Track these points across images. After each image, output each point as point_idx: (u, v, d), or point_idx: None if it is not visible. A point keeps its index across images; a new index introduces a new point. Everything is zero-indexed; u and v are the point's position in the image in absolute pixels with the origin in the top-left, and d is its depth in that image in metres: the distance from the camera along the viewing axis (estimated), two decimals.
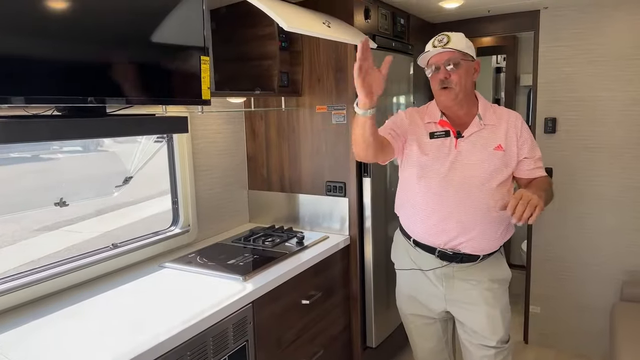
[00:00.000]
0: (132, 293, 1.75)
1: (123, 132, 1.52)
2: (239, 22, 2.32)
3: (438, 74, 1.72)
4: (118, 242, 2.00)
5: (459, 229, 1.73)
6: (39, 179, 2.46)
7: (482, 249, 1.76)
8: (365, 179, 2.36)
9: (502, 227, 1.76)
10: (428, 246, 1.82)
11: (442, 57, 1.70)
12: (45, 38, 1.21)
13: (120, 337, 1.39)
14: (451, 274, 1.81)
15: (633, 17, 2.56)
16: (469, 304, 1.81)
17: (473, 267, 1.79)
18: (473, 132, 1.74)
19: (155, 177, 2.42)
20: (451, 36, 1.71)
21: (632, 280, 2.67)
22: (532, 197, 1.46)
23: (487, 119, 1.75)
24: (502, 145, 1.72)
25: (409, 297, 1.95)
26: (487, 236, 1.74)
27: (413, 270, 1.90)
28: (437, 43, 1.71)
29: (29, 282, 1.65)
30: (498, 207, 1.65)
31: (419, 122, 1.83)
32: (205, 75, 1.66)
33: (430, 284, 1.85)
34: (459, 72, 1.70)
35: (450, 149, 1.75)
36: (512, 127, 1.75)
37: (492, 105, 1.83)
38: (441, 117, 1.79)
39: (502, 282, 1.83)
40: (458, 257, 1.77)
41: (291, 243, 2.24)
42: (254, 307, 1.73)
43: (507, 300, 1.85)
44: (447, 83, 1.70)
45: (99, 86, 1.33)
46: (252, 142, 2.64)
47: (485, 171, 1.70)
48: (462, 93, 1.72)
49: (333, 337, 2.30)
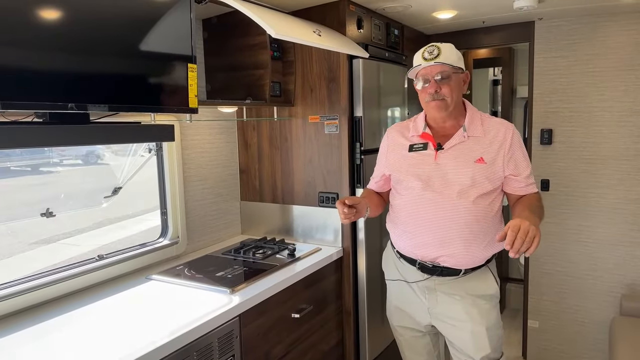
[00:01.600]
0: (116, 305, 1.70)
1: (106, 139, 1.49)
2: (230, 31, 2.30)
3: (428, 87, 1.68)
4: (104, 254, 1.96)
5: (436, 243, 1.70)
6: (34, 191, 2.43)
7: (463, 263, 1.71)
8: (358, 190, 2.33)
9: (485, 242, 1.70)
10: (410, 258, 1.80)
11: (433, 70, 1.66)
12: (24, 43, 1.18)
13: (101, 350, 1.35)
14: (433, 287, 1.77)
15: (628, 27, 2.55)
16: (453, 319, 1.76)
17: (455, 282, 1.74)
18: (455, 144, 1.70)
19: (156, 189, 2.40)
20: (441, 48, 1.67)
21: (631, 293, 2.62)
22: (529, 228, 1.35)
23: (471, 130, 1.70)
24: (485, 158, 1.66)
25: (397, 308, 1.92)
26: (467, 250, 1.68)
27: (399, 281, 1.88)
28: (428, 55, 1.66)
29: (11, 293, 1.61)
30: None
31: (401, 141, 1.83)
32: (193, 83, 1.64)
33: (415, 296, 1.83)
34: (450, 84, 1.66)
35: (429, 161, 1.72)
36: (500, 140, 1.68)
37: (484, 116, 1.78)
38: (424, 129, 1.77)
39: (488, 298, 1.76)
40: (437, 270, 1.73)
41: (282, 255, 2.19)
42: (240, 320, 1.68)
43: (497, 317, 1.78)
44: (438, 96, 1.67)
45: (80, 92, 1.30)
46: (245, 153, 2.61)
47: (463, 184, 1.65)
48: (452, 105, 1.69)
49: (325, 353, 2.24)
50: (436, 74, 1.66)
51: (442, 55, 1.65)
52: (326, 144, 2.34)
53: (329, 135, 2.33)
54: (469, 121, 1.72)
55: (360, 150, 2.30)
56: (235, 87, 2.34)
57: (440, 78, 1.65)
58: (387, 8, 2.46)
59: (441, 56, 1.64)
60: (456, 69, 1.68)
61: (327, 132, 2.33)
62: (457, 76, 1.69)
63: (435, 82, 1.66)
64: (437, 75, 1.66)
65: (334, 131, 2.31)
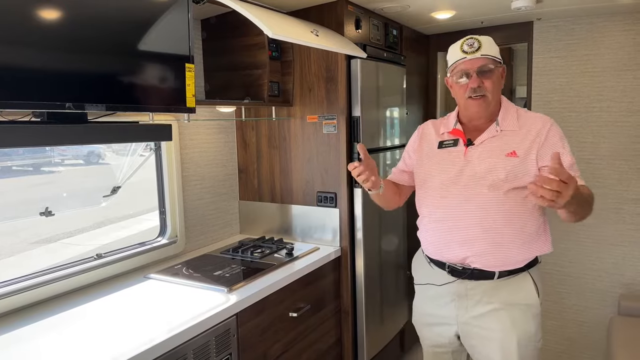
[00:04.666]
0: (114, 304, 1.71)
1: (103, 139, 1.50)
2: (229, 31, 2.31)
3: (470, 81, 1.57)
4: (103, 253, 1.97)
5: (462, 241, 1.60)
6: (35, 191, 2.43)
7: (494, 265, 1.57)
8: (357, 190, 2.33)
9: (520, 242, 1.56)
10: (439, 261, 1.69)
11: (475, 63, 1.56)
12: (22, 43, 1.19)
13: (98, 348, 1.35)
14: (464, 292, 1.63)
15: (626, 28, 2.56)
16: (481, 328, 1.62)
17: (489, 286, 1.60)
18: (486, 139, 1.61)
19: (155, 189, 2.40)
20: (481, 40, 1.57)
21: (629, 293, 2.62)
22: (569, 179, 1.20)
23: (505, 124, 1.61)
24: (517, 151, 1.55)
25: (423, 313, 1.80)
26: (497, 249, 1.56)
27: (428, 284, 1.75)
28: (468, 48, 1.56)
29: (9, 292, 1.61)
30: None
31: (432, 137, 1.76)
32: (190, 83, 1.65)
33: (443, 301, 1.70)
34: (492, 79, 1.57)
35: (458, 157, 1.63)
36: (535, 133, 1.56)
37: (521, 110, 1.66)
38: (455, 125, 1.69)
39: (525, 307, 1.59)
40: (467, 272, 1.61)
41: (280, 254, 2.20)
42: (238, 319, 1.69)
43: (533, 330, 1.60)
44: (481, 91, 1.57)
45: (77, 92, 1.31)
46: (243, 152, 2.61)
47: (492, 178, 1.55)
48: (493, 102, 1.61)
49: (323, 352, 2.24)
50: (478, 67, 1.56)
51: (483, 47, 1.56)
52: (324, 143, 2.35)
53: (327, 135, 2.33)
54: (502, 115, 1.62)
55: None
56: (233, 87, 2.35)
57: (482, 72, 1.56)
58: (385, 8, 2.46)
59: (482, 49, 1.55)
60: (497, 63, 1.59)
61: (325, 132, 2.34)
62: (498, 70, 1.60)
63: (477, 76, 1.56)
64: (479, 69, 1.56)
65: (332, 131, 2.32)
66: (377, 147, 2.47)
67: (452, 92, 1.69)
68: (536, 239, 1.61)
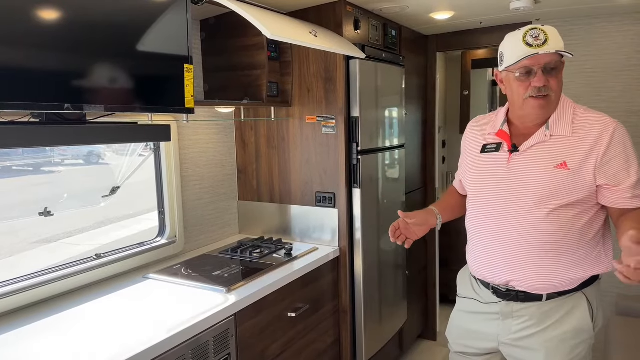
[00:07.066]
0: (113, 304, 1.71)
1: (102, 139, 1.51)
2: (228, 32, 2.32)
3: (532, 79, 1.37)
4: (102, 253, 1.98)
5: (503, 264, 1.45)
6: (35, 191, 2.44)
7: (542, 288, 1.43)
8: (355, 190, 2.34)
9: (570, 263, 1.40)
10: (483, 280, 1.56)
11: (541, 59, 1.34)
12: (20, 43, 1.20)
13: (97, 348, 1.36)
14: (510, 312, 1.49)
15: (624, 28, 2.56)
16: (524, 348, 1.48)
17: (537, 308, 1.45)
18: (532, 145, 1.42)
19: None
20: (547, 32, 1.35)
21: (626, 293, 2.63)
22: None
23: (556, 129, 1.40)
24: (569, 162, 1.36)
25: (460, 328, 1.68)
26: (542, 275, 1.41)
27: (472, 299, 1.62)
28: (533, 40, 1.34)
29: (9, 292, 1.62)
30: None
31: (476, 139, 1.60)
32: (189, 83, 1.65)
33: (485, 317, 1.56)
34: (558, 77, 1.38)
35: (501, 166, 1.46)
36: (592, 141, 1.36)
37: (579, 110, 1.44)
38: (502, 126, 1.51)
39: (574, 332, 1.43)
40: (512, 294, 1.47)
41: (279, 254, 2.21)
42: (236, 319, 1.69)
43: (581, 357, 1.45)
44: (545, 90, 1.37)
45: (76, 92, 1.31)
46: (242, 153, 2.62)
47: (538, 194, 1.38)
48: (556, 101, 1.42)
49: (321, 352, 2.25)
50: (544, 63, 1.35)
51: (551, 40, 1.33)
52: (323, 144, 2.35)
53: (326, 135, 2.34)
54: (555, 117, 1.42)
55: (357, 150, 2.31)
56: (232, 87, 2.35)
57: (549, 69, 1.36)
58: (384, 9, 2.47)
59: (550, 41, 1.33)
60: (561, 57, 1.38)
61: (324, 133, 2.34)
62: (562, 66, 1.40)
63: (543, 74, 1.36)
64: (545, 65, 1.35)
65: (330, 131, 2.32)
66: (375, 148, 2.48)
67: (504, 89, 1.49)
68: (592, 258, 1.44)
